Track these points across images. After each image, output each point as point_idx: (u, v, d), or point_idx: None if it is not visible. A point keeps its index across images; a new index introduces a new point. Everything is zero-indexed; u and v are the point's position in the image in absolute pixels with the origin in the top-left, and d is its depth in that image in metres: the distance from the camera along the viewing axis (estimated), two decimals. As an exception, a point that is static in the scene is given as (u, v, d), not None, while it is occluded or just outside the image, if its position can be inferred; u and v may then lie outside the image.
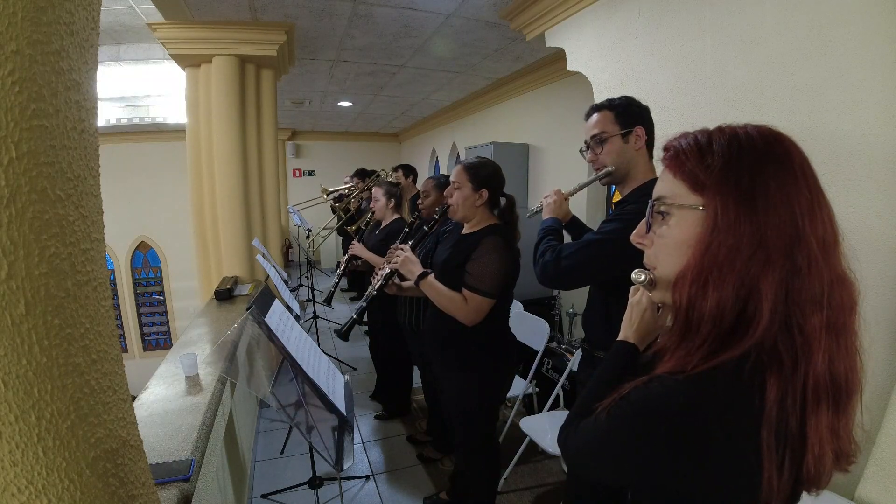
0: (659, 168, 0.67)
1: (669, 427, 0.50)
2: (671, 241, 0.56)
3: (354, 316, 1.78)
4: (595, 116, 1.29)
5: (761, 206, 0.49)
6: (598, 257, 1.20)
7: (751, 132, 0.53)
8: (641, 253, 0.62)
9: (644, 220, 0.61)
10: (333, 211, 4.92)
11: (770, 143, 0.52)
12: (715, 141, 0.53)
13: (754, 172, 0.50)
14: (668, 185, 0.56)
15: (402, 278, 1.76)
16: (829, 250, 0.50)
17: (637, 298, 0.73)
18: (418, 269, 1.63)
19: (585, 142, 1.32)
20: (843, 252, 0.51)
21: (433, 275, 1.63)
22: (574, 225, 1.55)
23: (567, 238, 1.46)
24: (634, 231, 0.62)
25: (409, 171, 3.46)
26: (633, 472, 0.56)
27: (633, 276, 0.62)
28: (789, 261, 0.48)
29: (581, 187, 1.47)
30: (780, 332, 0.48)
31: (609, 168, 1.26)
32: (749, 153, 0.51)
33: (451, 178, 1.62)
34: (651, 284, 0.61)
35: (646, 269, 0.61)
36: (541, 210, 1.52)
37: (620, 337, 0.74)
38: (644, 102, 1.29)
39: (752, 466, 0.47)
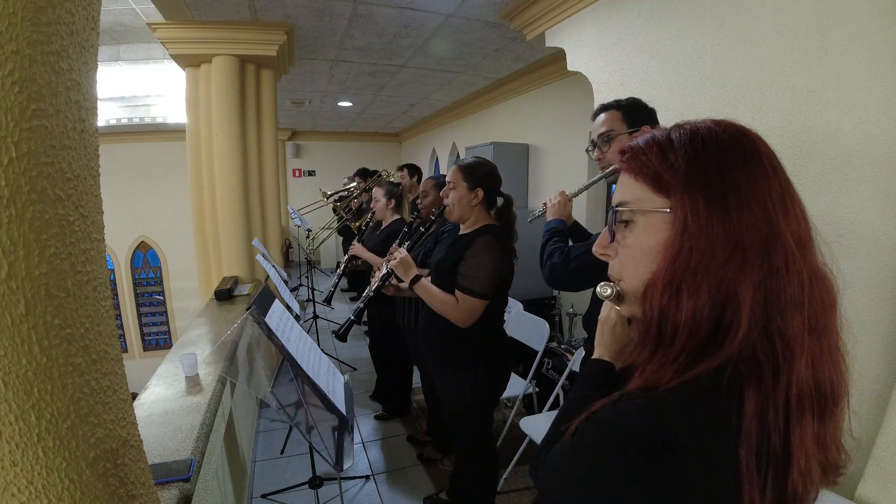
0: None
1: (639, 450, 0.45)
2: (637, 249, 0.51)
3: (352, 317, 1.78)
4: (602, 115, 1.29)
5: (733, 203, 0.45)
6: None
7: (712, 126, 0.49)
8: None
9: (606, 229, 0.56)
10: (334, 211, 4.92)
11: (734, 136, 0.48)
12: (675, 138, 0.49)
13: (722, 168, 0.46)
14: (629, 190, 0.52)
15: (400, 279, 1.77)
16: (805, 246, 0.46)
17: (605, 314, 0.68)
18: (413, 271, 1.64)
19: (592, 141, 1.33)
20: (817, 247, 0.48)
21: (426, 277, 1.64)
22: (575, 229, 1.55)
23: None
24: (597, 242, 0.58)
25: (414, 170, 3.45)
26: (601, 499, 0.50)
27: (597, 290, 0.57)
28: (767, 261, 0.44)
29: (586, 187, 1.47)
30: (760, 338, 0.44)
31: (617, 165, 1.26)
32: (714, 148, 0.47)
33: (447, 179, 1.62)
34: (618, 298, 0.56)
35: (611, 281, 0.57)
36: (543, 214, 1.52)
37: (595, 355, 0.69)
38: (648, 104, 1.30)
39: (730, 491, 0.43)
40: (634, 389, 0.48)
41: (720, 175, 0.46)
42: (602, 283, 0.57)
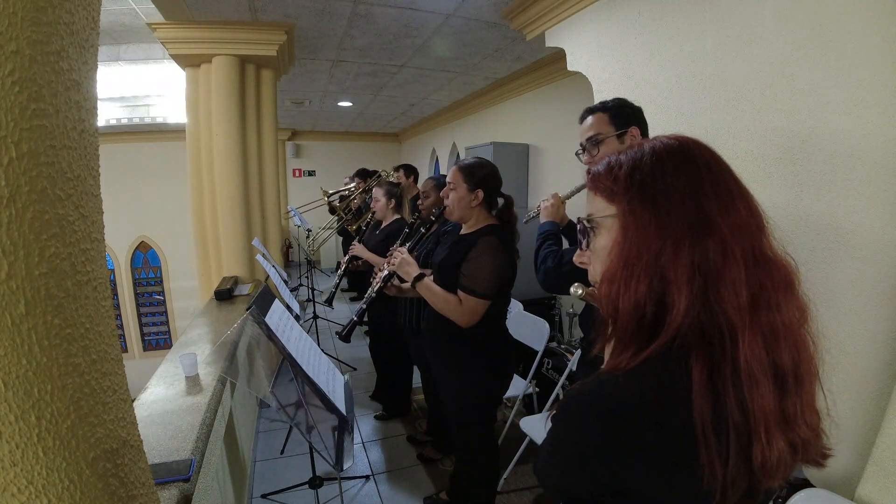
0: None
1: (598, 419, 0.51)
2: (599, 251, 0.59)
3: (355, 318, 1.78)
4: (590, 119, 1.30)
5: (662, 201, 0.52)
6: None
7: (657, 142, 0.57)
8: None
9: (579, 241, 0.64)
10: (333, 211, 4.93)
11: (670, 146, 0.56)
12: (623, 156, 0.58)
13: (655, 173, 0.54)
14: (591, 204, 0.61)
15: (402, 280, 1.77)
16: (748, 234, 0.51)
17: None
18: (415, 271, 1.64)
19: (581, 145, 1.33)
20: (769, 236, 0.53)
21: (429, 277, 1.64)
22: (570, 229, 1.55)
23: (564, 243, 1.46)
24: (575, 254, 0.65)
25: (411, 171, 3.46)
26: (579, 473, 0.56)
27: (571, 290, 0.67)
28: (699, 248, 0.50)
29: (579, 189, 1.47)
30: (703, 314, 0.49)
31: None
32: (649, 158, 0.55)
33: (447, 179, 1.62)
34: (595, 298, 0.63)
35: (586, 284, 0.66)
36: (537, 215, 1.52)
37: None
38: (644, 102, 1.30)
39: (688, 455, 0.47)
40: (602, 372, 0.55)
41: (652, 179, 0.53)
42: (575, 284, 0.67)
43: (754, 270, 0.50)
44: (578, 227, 0.63)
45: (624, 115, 1.27)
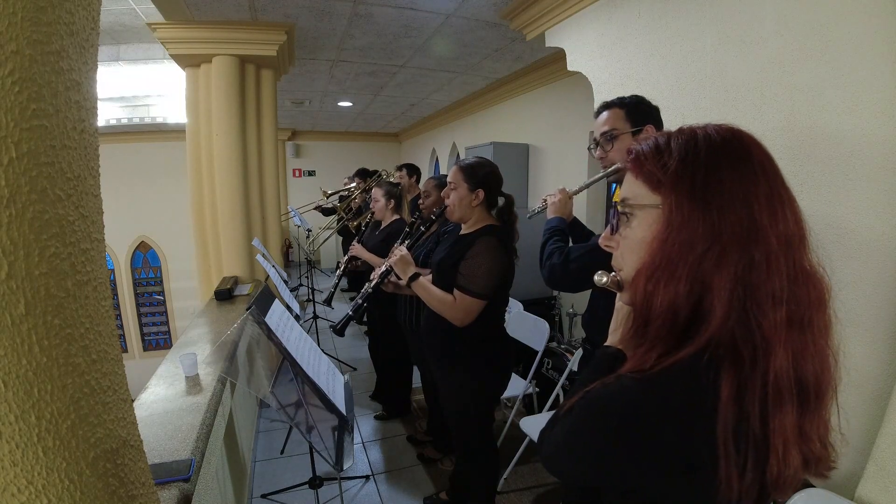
0: None
1: (621, 424, 0.50)
2: (633, 240, 0.56)
3: (350, 312, 1.78)
4: (605, 114, 1.27)
5: (715, 201, 0.49)
6: (606, 260, 1.20)
7: (710, 131, 0.53)
8: None
9: (610, 223, 0.62)
10: (326, 213, 4.95)
11: (728, 140, 0.52)
12: (673, 141, 0.54)
13: (709, 169, 0.50)
14: (630, 187, 0.57)
15: (399, 277, 1.77)
16: (793, 246, 0.49)
17: (620, 304, 0.72)
18: (411, 269, 1.64)
19: (595, 139, 1.30)
20: (810, 248, 0.51)
21: (425, 276, 1.63)
22: (575, 226, 1.54)
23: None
24: (602, 235, 0.63)
25: (413, 170, 3.45)
26: (592, 469, 0.56)
27: (595, 278, 0.63)
28: (745, 256, 0.48)
29: (587, 185, 1.45)
30: (738, 327, 0.47)
31: (619, 164, 1.25)
32: (705, 151, 0.51)
33: (448, 179, 1.62)
34: (619, 286, 0.61)
35: (609, 271, 0.62)
36: (542, 210, 1.51)
37: (607, 342, 0.73)
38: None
39: (706, 465, 0.47)
40: (625, 372, 0.53)
41: (706, 176, 0.50)
42: (599, 272, 0.63)
43: (794, 286, 0.48)
44: (612, 210, 0.60)
45: (640, 112, 1.24)
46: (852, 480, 1.18)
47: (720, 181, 0.49)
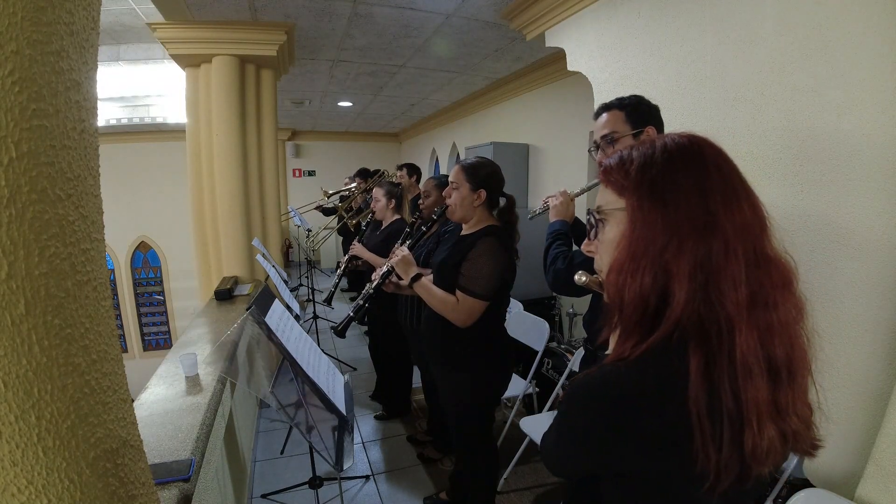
0: None
1: (603, 409, 0.54)
2: (606, 242, 0.62)
3: (351, 313, 1.78)
4: (605, 116, 1.25)
5: (671, 199, 0.54)
6: None
7: (666, 139, 0.59)
8: None
9: (589, 231, 0.67)
10: (326, 213, 4.95)
11: (681, 144, 0.57)
12: (635, 151, 0.60)
13: (664, 171, 0.56)
14: (602, 196, 0.63)
15: (400, 277, 1.77)
16: (752, 233, 0.54)
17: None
18: (413, 270, 1.63)
19: (595, 142, 1.28)
20: (772, 236, 0.56)
21: (426, 276, 1.63)
22: (577, 228, 1.54)
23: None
24: (584, 243, 0.68)
25: (413, 170, 3.45)
26: (581, 454, 0.60)
27: (575, 277, 0.71)
28: (703, 244, 0.52)
29: (588, 188, 1.45)
30: (703, 307, 0.52)
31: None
32: (660, 156, 0.57)
33: (450, 179, 1.62)
34: (601, 287, 0.66)
35: (590, 272, 0.69)
36: (544, 211, 1.50)
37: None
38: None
39: (683, 441, 0.50)
40: (606, 362, 0.58)
41: (662, 176, 0.56)
42: (579, 272, 0.71)
43: (755, 270, 0.52)
44: (587, 217, 0.65)
45: (640, 113, 1.22)
46: (852, 480, 1.18)
47: (675, 181, 0.55)
